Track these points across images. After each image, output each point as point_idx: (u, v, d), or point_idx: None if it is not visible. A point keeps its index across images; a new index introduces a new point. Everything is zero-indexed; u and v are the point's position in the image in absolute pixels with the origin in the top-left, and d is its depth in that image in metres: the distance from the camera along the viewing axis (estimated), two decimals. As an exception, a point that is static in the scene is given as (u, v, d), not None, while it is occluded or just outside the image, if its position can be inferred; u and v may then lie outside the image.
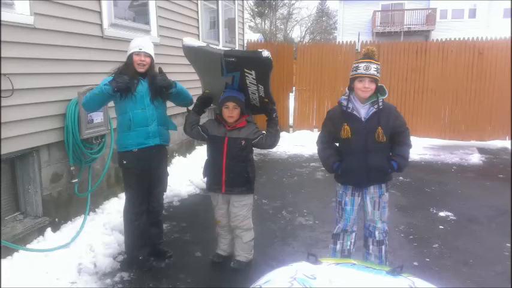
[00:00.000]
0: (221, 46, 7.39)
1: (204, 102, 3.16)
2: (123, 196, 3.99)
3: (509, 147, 7.83)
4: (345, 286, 1.64)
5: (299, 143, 8.27)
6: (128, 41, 3.26)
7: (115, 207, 4.18)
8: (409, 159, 2.76)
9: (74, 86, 3.74)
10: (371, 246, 2.82)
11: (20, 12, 3.18)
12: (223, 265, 3.23)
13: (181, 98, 3.29)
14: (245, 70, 2.87)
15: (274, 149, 4.88)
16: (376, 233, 2.80)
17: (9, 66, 3.07)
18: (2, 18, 2.95)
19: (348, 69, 2.83)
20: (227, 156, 2.98)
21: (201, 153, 6.50)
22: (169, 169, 3.56)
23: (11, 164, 3.41)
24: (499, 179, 5.93)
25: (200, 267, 3.29)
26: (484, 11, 23.84)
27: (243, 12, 9.59)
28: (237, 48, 8.73)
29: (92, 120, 3.83)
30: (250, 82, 2.96)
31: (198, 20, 6.95)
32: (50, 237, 3.42)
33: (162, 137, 3.17)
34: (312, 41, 36.61)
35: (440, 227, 4.13)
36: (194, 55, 3.00)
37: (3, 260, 2.95)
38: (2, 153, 3.07)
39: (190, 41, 2.94)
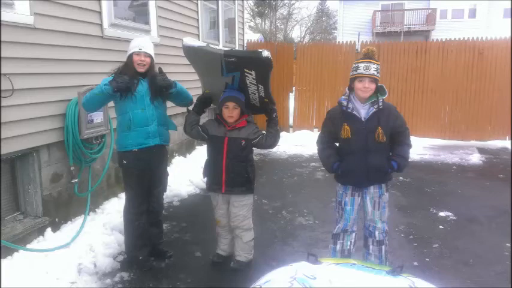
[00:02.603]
0: (221, 46, 7.38)
1: (204, 102, 3.16)
2: (123, 196, 3.99)
3: (509, 147, 7.83)
4: (345, 286, 1.64)
5: (299, 143, 8.27)
6: (128, 41, 3.26)
7: (115, 207, 4.18)
8: (409, 159, 2.76)
9: (74, 86, 3.74)
10: (371, 246, 2.82)
11: (20, 12, 3.18)
12: (223, 265, 3.23)
13: (181, 98, 3.29)
14: (245, 70, 2.87)
15: (274, 149, 4.88)
16: (376, 233, 2.79)
17: (9, 66, 3.07)
18: (2, 18, 2.95)
19: (348, 69, 2.83)
20: (227, 156, 2.98)
21: (201, 153, 6.50)
22: (169, 169, 3.56)
23: (11, 164, 3.41)
24: (499, 179, 5.93)
25: (200, 267, 3.29)
26: (484, 11, 23.83)
27: (243, 12, 9.59)
28: (237, 48, 8.73)
29: (92, 120, 3.83)
30: (250, 82, 2.96)
31: (198, 20, 6.95)
32: (50, 237, 3.42)
33: (162, 137, 3.17)
34: (312, 41, 36.60)
35: (440, 227, 4.13)
36: (194, 55, 2.99)
37: (3, 260, 2.95)
38: (2, 153, 3.07)
39: (190, 41, 2.94)
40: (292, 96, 9.62)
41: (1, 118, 3.01)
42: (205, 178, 3.21)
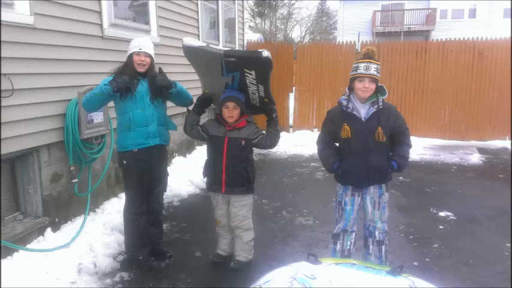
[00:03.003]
0: (221, 46, 7.38)
1: (204, 102, 3.16)
2: (123, 196, 3.99)
3: (509, 147, 7.83)
4: (345, 286, 1.64)
5: (299, 143, 8.27)
6: (128, 41, 3.26)
7: (115, 207, 4.18)
8: (409, 159, 2.76)
9: (74, 86, 3.74)
10: (371, 246, 2.82)
11: (20, 12, 3.18)
12: (223, 265, 3.23)
13: (181, 98, 3.29)
14: (245, 70, 2.87)
15: (274, 149, 4.88)
16: (376, 233, 2.79)
17: (9, 66, 3.07)
18: (2, 18, 2.95)
19: (348, 69, 2.83)
20: (227, 156, 2.98)
21: (201, 153, 6.50)
22: (169, 169, 3.56)
23: (11, 164, 3.41)
24: (499, 179, 5.93)
25: (200, 267, 3.29)
26: (484, 11, 23.83)
27: (243, 12, 9.59)
28: (237, 48, 8.73)
29: (92, 120, 3.83)
30: (250, 82, 2.96)
31: (198, 20, 6.96)
32: (50, 237, 3.42)
33: (162, 137, 3.17)
34: (312, 41, 36.60)
35: (440, 227, 4.13)
36: (194, 55, 3.00)
37: (3, 260, 2.95)
38: (2, 153, 3.07)
39: (190, 41, 2.94)
40: (292, 96, 9.62)
41: (1, 118, 3.01)
42: (205, 178, 3.21)
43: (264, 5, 36.90)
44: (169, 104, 3.32)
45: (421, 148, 7.76)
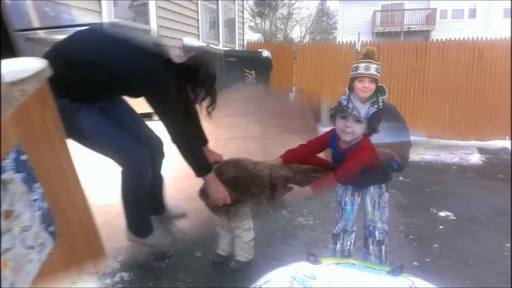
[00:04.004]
0: (221, 46, 7.39)
1: (204, 102, 3.16)
2: (123, 196, 3.98)
3: (509, 147, 7.83)
4: (345, 286, 1.63)
5: (299, 143, 8.25)
6: (128, 41, 3.25)
7: (115, 207, 4.17)
8: (409, 159, 2.76)
9: (74, 86, 3.73)
10: (371, 246, 2.82)
11: (20, 12, 3.18)
12: (223, 265, 3.23)
13: (181, 98, 3.28)
14: (245, 70, 2.87)
15: (274, 149, 4.87)
16: (376, 233, 2.79)
17: (9, 66, 3.06)
18: (2, 18, 2.95)
19: (348, 69, 2.83)
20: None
21: (201, 153, 6.48)
22: (169, 169, 3.55)
23: (11, 164, 3.40)
24: (499, 179, 5.93)
25: (200, 267, 3.29)
26: (484, 11, 23.84)
27: (243, 12, 9.60)
28: (237, 48, 8.73)
29: (92, 120, 3.82)
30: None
31: (198, 20, 6.96)
32: (50, 237, 3.41)
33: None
34: (312, 41, 36.61)
35: (440, 227, 4.13)
36: (194, 55, 2.99)
37: (3, 260, 2.95)
38: (2, 153, 3.06)
39: (190, 41, 2.94)
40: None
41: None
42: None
43: (264, 5, 36.91)
44: (169, 104, 3.31)
45: (421, 148, 7.76)
